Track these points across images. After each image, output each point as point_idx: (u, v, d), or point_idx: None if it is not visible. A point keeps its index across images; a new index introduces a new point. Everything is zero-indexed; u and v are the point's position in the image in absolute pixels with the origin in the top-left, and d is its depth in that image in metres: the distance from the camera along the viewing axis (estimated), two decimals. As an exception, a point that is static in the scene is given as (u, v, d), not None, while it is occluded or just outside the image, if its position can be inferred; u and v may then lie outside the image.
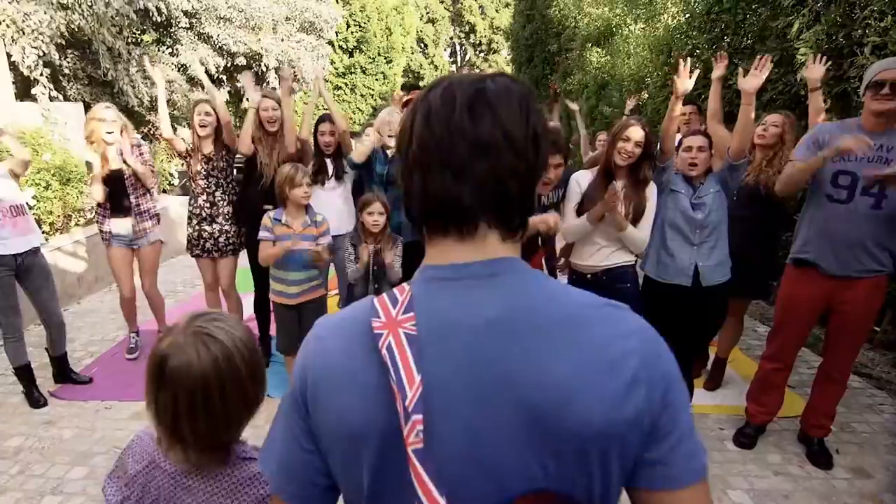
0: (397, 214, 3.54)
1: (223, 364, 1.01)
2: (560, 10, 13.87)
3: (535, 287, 0.69)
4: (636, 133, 2.79)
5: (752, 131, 2.79)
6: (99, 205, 4.00)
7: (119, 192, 3.95)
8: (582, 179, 3.04)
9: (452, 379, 0.64)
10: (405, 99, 4.57)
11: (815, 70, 3.05)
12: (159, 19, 10.59)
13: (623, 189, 2.86)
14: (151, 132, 10.43)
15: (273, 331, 3.67)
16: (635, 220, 2.87)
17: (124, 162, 3.85)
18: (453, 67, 31.29)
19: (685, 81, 2.85)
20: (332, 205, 3.88)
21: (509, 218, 0.70)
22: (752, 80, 2.75)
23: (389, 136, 3.68)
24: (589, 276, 3.05)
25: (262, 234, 3.31)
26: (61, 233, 5.72)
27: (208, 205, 4.00)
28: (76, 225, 5.95)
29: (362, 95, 20.00)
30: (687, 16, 7.16)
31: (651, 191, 2.93)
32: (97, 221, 4.09)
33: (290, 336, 3.45)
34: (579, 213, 2.98)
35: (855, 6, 4.30)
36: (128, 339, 4.48)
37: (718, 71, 3.30)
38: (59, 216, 5.58)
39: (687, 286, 2.97)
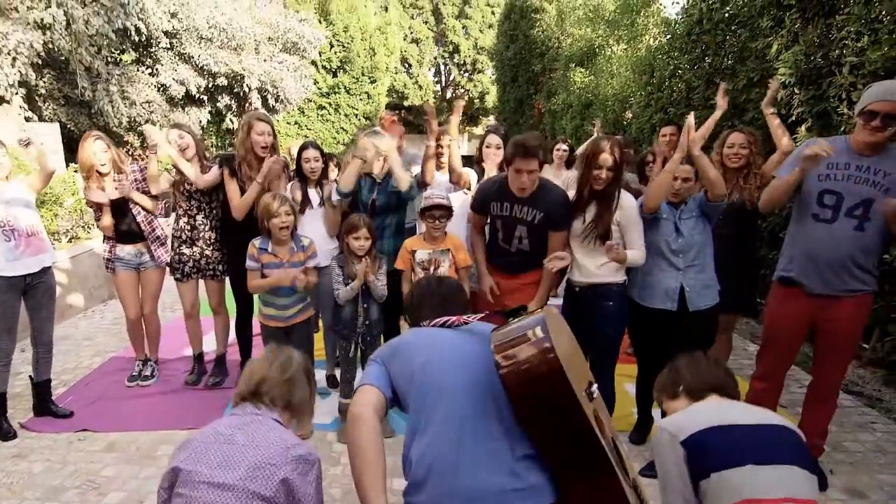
0: (381, 244, 3.50)
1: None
2: (543, 30, 14.07)
3: None
4: (608, 160, 2.79)
5: (714, 176, 2.74)
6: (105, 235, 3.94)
7: (123, 220, 3.87)
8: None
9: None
10: (392, 120, 4.52)
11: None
12: (139, 39, 10.51)
13: (594, 213, 2.89)
14: (130, 153, 10.27)
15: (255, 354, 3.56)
16: (605, 238, 2.85)
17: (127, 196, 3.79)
18: (438, 87, 31.54)
19: (692, 144, 2.72)
20: (318, 234, 3.78)
21: None
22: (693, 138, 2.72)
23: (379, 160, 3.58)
24: (577, 289, 3.05)
25: (248, 263, 3.25)
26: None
27: (189, 227, 3.90)
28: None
29: (346, 115, 20.00)
30: (668, 37, 7.28)
31: (627, 202, 2.91)
32: (104, 246, 3.98)
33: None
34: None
35: (832, 27, 4.38)
36: (111, 364, 4.33)
37: (719, 111, 3.37)
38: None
39: (673, 311, 2.92)
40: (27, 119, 8.09)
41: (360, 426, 1.38)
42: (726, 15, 5.79)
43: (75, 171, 6.60)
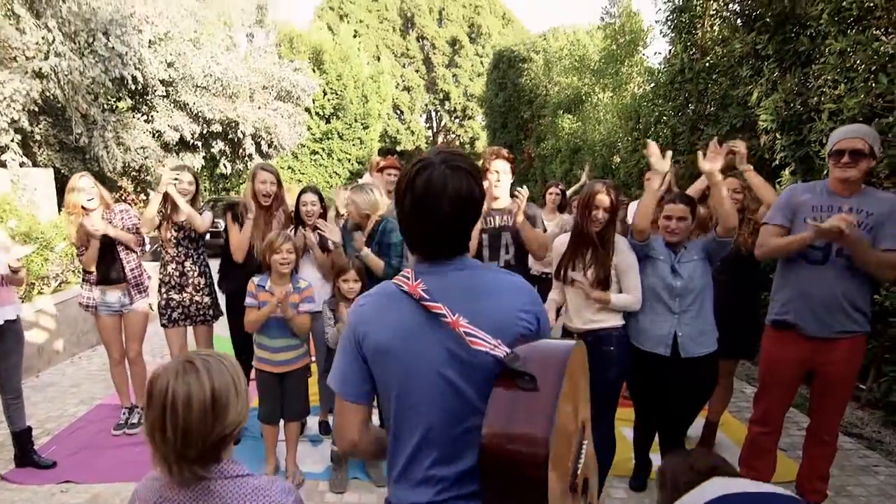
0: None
1: (194, 389, 1.17)
2: (531, 79, 14.50)
3: (475, 269, 1.28)
4: (605, 200, 2.83)
5: (729, 209, 2.77)
6: (85, 272, 3.88)
7: (107, 261, 3.84)
8: (560, 244, 3.04)
9: (451, 302, 1.20)
10: (381, 165, 4.59)
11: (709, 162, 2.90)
12: (136, 87, 10.70)
13: (590, 257, 2.89)
14: (122, 198, 10.30)
15: (252, 401, 3.48)
16: (606, 283, 2.86)
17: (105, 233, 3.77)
18: (429, 132, 32.17)
19: (661, 162, 2.81)
20: (315, 277, 3.78)
21: (458, 246, 1.28)
22: (710, 163, 2.72)
23: (365, 216, 3.54)
24: (575, 336, 3.00)
25: (247, 300, 3.24)
26: (23, 301, 5.48)
27: (178, 273, 3.89)
28: (39, 293, 5.72)
29: (339, 160, 20.30)
30: (652, 85, 7.53)
31: (622, 246, 2.93)
32: (82, 289, 3.94)
33: (273, 404, 3.28)
34: (556, 276, 2.99)
35: (809, 76, 4.56)
36: (96, 412, 4.21)
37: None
38: (23, 285, 5.36)
39: (665, 356, 2.87)
40: (21, 165, 8.12)
41: None
42: (707, 64, 6.02)
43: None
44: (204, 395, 1.18)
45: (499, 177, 3.18)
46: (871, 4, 3.90)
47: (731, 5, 5.80)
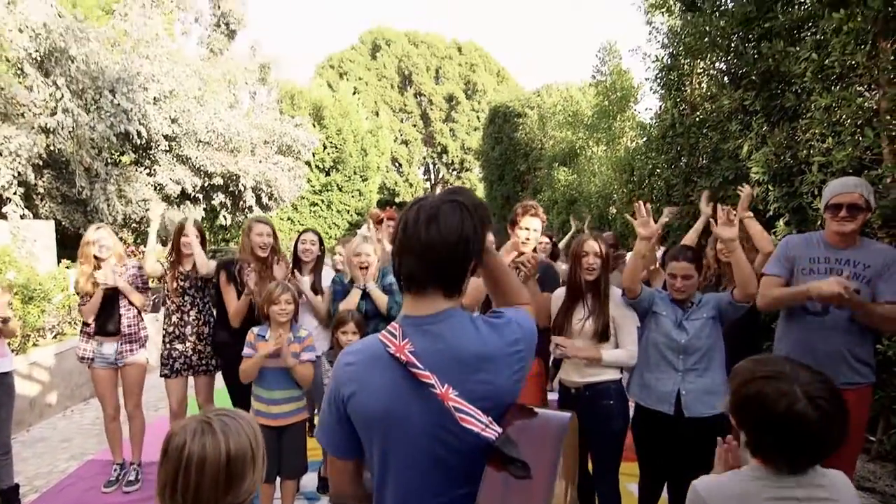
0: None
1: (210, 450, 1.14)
2: (526, 133, 14.86)
3: (464, 330, 1.19)
4: (593, 246, 2.85)
5: (749, 273, 2.68)
6: (84, 324, 3.86)
7: (106, 312, 3.82)
8: (556, 298, 3.04)
9: (440, 370, 1.14)
10: (380, 217, 4.64)
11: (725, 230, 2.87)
12: (139, 142, 10.93)
13: (589, 308, 2.88)
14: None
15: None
16: (605, 334, 2.84)
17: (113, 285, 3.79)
18: (427, 185, 32.69)
19: (648, 226, 2.82)
20: (314, 324, 3.77)
21: (448, 287, 1.20)
22: (727, 230, 2.69)
23: (362, 268, 3.60)
24: (573, 390, 2.95)
25: (245, 350, 3.20)
26: (17, 353, 5.40)
27: (182, 323, 3.88)
28: (34, 345, 5.64)
29: (338, 211, 20.54)
30: (644, 139, 7.73)
31: (619, 299, 2.93)
32: (80, 340, 3.90)
33: (270, 461, 3.19)
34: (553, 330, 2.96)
35: (797, 130, 4.69)
36: (87, 468, 4.08)
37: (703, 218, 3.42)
38: (17, 336, 5.30)
39: (669, 414, 2.78)
40: (22, 217, 8.19)
41: None
42: (697, 119, 6.20)
43: (67, 268, 6.61)
44: (219, 459, 1.16)
45: (528, 234, 3.01)
46: (853, 62, 4.06)
47: (717, 64, 6.02)
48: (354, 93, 25.13)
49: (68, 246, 10.27)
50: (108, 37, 11.07)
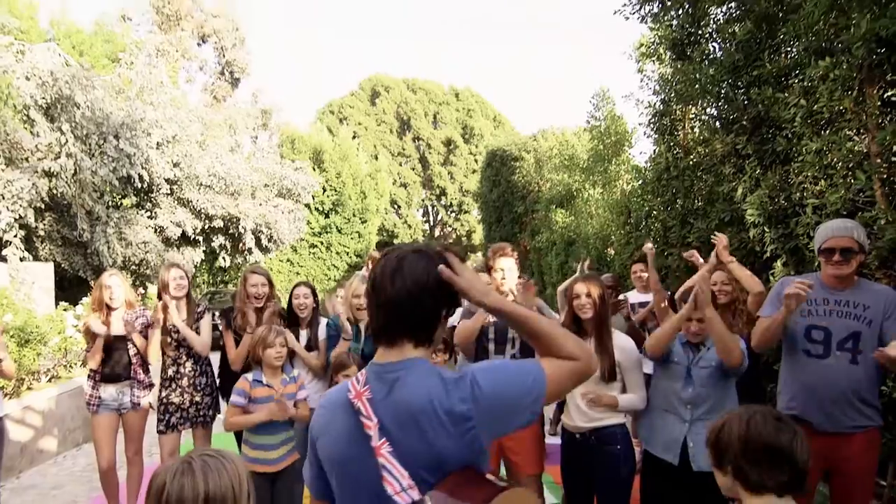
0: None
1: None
2: (523, 176, 15.06)
3: (419, 381, 1.17)
4: (581, 287, 2.87)
5: (728, 343, 2.60)
6: (91, 369, 3.82)
7: (114, 359, 3.77)
8: None
9: (389, 421, 1.15)
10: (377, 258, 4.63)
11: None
12: (141, 186, 11.05)
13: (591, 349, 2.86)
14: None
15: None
16: (611, 376, 2.82)
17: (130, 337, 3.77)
18: (426, 226, 32.93)
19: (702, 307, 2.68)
20: (306, 375, 3.70)
21: (416, 337, 1.21)
22: (706, 310, 2.63)
23: (359, 309, 3.63)
24: (578, 435, 2.90)
25: (233, 398, 3.10)
26: (10, 398, 5.31)
27: (178, 375, 3.81)
28: (28, 389, 5.55)
29: (337, 253, 20.60)
30: (640, 182, 7.84)
31: (624, 343, 2.92)
32: (87, 384, 3.85)
33: (258, 508, 3.10)
34: None
35: (790, 173, 4.77)
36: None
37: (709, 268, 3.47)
38: (13, 378, 5.23)
39: (674, 465, 2.71)
40: (22, 259, 8.20)
41: None
42: (691, 163, 6.31)
43: (65, 310, 6.57)
44: (196, 500, 1.14)
45: (504, 274, 3.14)
46: (841, 108, 4.16)
47: (708, 110, 6.17)
48: (354, 137, 25.61)
49: (67, 288, 10.27)
50: (113, 84, 11.35)
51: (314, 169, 19.33)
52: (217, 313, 3.90)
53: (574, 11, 63.00)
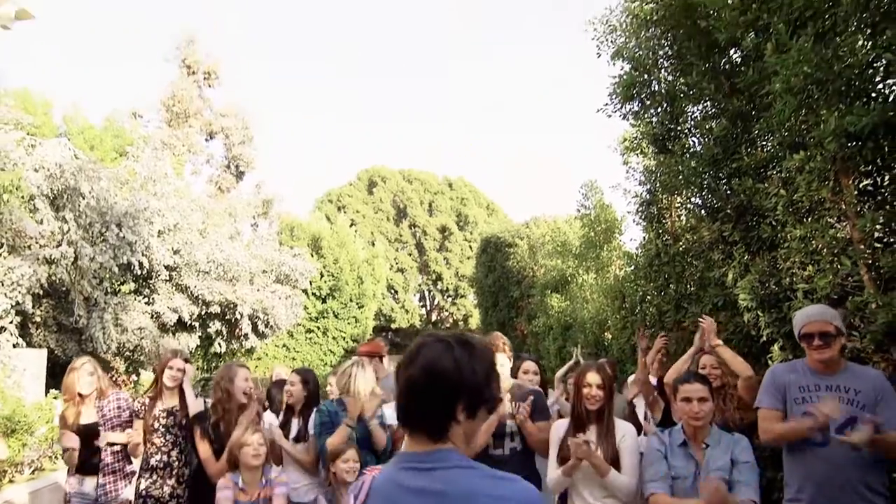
0: None
1: None
2: (518, 261, 15.28)
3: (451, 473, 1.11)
4: (594, 377, 2.87)
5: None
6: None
7: (89, 448, 3.65)
8: (560, 427, 3.01)
9: None
10: (361, 351, 4.49)
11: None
12: (141, 272, 11.14)
13: (595, 437, 2.82)
14: (114, 379, 10.10)
15: None
16: (613, 465, 2.77)
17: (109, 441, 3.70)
18: (423, 311, 32.89)
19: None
20: (297, 480, 3.49)
21: (430, 429, 1.15)
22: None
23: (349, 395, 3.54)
24: None
25: (221, 494, 2.99)
26: (-12, 493, 5.07)
27: (162, 465, 3.63)
28: (10, 482, 5.32)
29: (334, 338, 20.43)
30: (632, 268, 7.99)
31: (625, 432, 2.89)
32: (68, 475, 3.72)
33: None
34: (559, 461, 2.89)
35: (777, 259, 4.90)
36: None
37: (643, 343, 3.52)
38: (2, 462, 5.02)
39: None
40: (15, 346, 8.10)
41: None
42: (680, 249, 6.47)
43: (55, 398, 6.43)
44: None
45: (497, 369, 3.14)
46: (820, 197, 4.36)
47: (693, 199, 6.43)
48: (351, 224, 26.16)
49: (58, 374, 9.98)
50: (118, 176, 11.73)
51: (312, 255, 19.57)
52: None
53: (561, 106, 66.95)
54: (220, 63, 19.07)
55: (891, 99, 4.06)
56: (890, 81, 4.15)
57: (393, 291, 31.23)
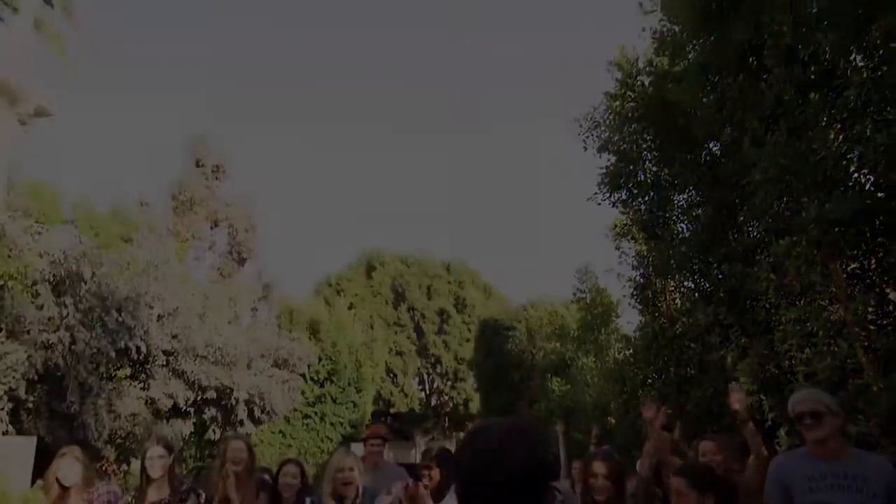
0: None
1: None
2: (516, 345, 15.19)
3: None
4: (600, 467, 2.81)
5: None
6: None
7: None
8: None
9: None
10: (364, 435, 4.44)
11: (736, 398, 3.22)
12: (138, 357, 11.02)
13: None
14: (104, 467, 9.73)
15: None
16: None
17: None
18: (423, 394, 32.19)
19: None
20: None
21: None
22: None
23: (345, 484, 3.34)
24: None
25: None
26: None
27: None
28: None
29: (332, 423, 19.81)
30: (630, 351, 7.98)
31: None
32: None
33: None
34: None
35: (774, 341, 4.95)
36: None
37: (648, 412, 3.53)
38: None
39: None
40: (4, 433, 7.85)
41: None
42: (677, 332, 6.51)
43: (41, 489, 6.17)
44: None
45: None
46: (810, 280, 4.47)
47: (686, 282, 6.57)
48: (350, 308, 26.07)
49: (48, 461, 9.53)
50: (121, 261, 11.88)
51: (310, 338, 19.39)
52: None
53: (555, 193, 69.24)
54: (229, 159, 19.92)
55: (867, 187, 4.28)
56: (865, 171, 4.39)
57: (392, 375, 30.63)
